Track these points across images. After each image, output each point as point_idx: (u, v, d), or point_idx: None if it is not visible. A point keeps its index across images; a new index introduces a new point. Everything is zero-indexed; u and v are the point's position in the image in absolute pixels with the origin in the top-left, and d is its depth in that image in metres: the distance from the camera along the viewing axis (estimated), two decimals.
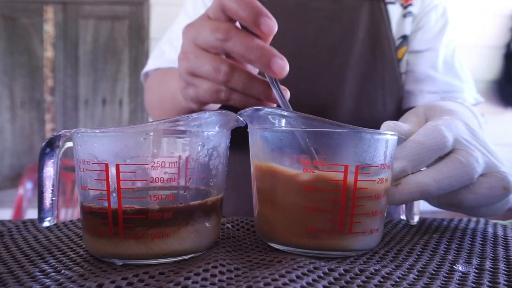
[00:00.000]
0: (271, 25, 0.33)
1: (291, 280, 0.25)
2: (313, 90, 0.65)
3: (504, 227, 0.40)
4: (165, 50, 0.70)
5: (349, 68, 0.64)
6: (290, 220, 0.30)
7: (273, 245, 0.33)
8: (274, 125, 0.31)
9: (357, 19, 0.66)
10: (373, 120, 0.65)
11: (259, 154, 0.33)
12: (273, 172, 0.31)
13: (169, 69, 0.66)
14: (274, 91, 0.35)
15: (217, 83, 0.36)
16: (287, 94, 0.37)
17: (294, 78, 0.64)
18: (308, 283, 0.25)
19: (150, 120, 0.61)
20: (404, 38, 0.67)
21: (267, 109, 0.31)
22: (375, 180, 0.30)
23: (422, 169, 0.34)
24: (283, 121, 0.31)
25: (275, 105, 0.37)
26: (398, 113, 0.67)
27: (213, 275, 0.26)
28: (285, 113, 0.31)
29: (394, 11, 0.67)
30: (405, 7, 0.68)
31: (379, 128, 0.37)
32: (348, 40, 0.65)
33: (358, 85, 0.65)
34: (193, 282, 0.24)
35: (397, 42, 0.67)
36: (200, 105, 0.41)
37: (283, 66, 0.33)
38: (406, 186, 0.33)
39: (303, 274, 0.26)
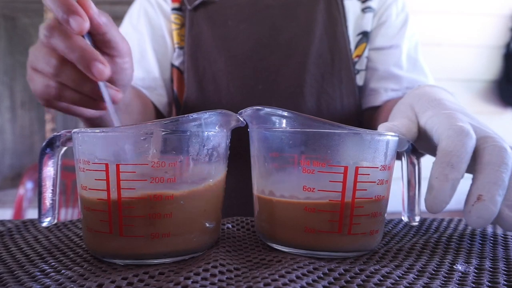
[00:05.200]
0: (79, 22, 0.32)
1: (291, 280, 0.25)
2: (271, 91, 0.63)
3: None
4: None
5: (307, 67, 0.62)
6: (290, 220, 0.30)
7: (273, 245, 0.33)
8: (275, 125, 0.31)
9: (313, 15, 0.64)
10: (333, 121, 0.63)
11: (259, 154, 0.33)
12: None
13: None
14: (102, 93, 0.36)
15: (48, 77, 0.36)
16: (118, 95, 0.38)
17: (250, 79, 0.63)
18: (308, 283, 0.25)
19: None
20: (364, 34, 0.65)
21: (267, 109, 0.31)
22: (375, 181, 0.30)
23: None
24: (284, 121, 0.31)
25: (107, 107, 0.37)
26: (355, 112, 0.65)
27: (213, 275, 0.26)
28: (285, 113, 0.31)
29: (352, 6, 0.66)
30: (363, 1, 0.66)
31: None
32: (305, 38, 0.63)
33: (318, 85, 0.63)
34: (193, 282, 0.24)
35: (357, 39, 0.65)
36: (42, 101, 0.39)
37: (101, 70, 0.33)
38: (490, 194, 0.30)
39: (303, 274, 0.26)
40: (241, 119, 0.32)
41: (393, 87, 0.64)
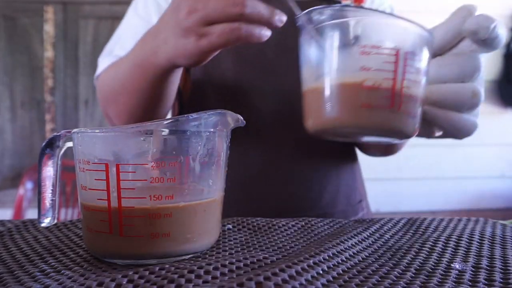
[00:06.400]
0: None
1: (291, 276, 0.25)
2: (278, 91, 0.65)
3: (504, 227, 0.40)
4: (114, 49, 0.66)
5: None
6: (346, 96, 0.33)
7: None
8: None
9: None
10: None
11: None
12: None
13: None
14: None
15: (234, 17, 0.37)
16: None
17: (258, 80, 0.66)
18: (307, 280, 0.25)
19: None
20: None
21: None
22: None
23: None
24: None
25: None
26: None
27: (213, 276, 0.26)
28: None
29: None
30: None
31: None
32: None
33: None
34: (193, 282, 0.24)
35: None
36: (209, 54, 0.41)
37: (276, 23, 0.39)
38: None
39: (303, 269, 0.26)
40: (241, 119, 0.32)
41: None
